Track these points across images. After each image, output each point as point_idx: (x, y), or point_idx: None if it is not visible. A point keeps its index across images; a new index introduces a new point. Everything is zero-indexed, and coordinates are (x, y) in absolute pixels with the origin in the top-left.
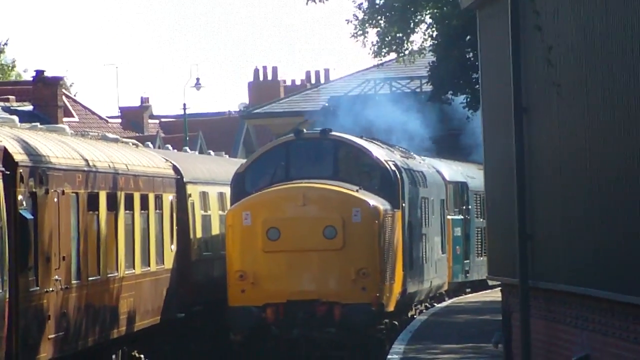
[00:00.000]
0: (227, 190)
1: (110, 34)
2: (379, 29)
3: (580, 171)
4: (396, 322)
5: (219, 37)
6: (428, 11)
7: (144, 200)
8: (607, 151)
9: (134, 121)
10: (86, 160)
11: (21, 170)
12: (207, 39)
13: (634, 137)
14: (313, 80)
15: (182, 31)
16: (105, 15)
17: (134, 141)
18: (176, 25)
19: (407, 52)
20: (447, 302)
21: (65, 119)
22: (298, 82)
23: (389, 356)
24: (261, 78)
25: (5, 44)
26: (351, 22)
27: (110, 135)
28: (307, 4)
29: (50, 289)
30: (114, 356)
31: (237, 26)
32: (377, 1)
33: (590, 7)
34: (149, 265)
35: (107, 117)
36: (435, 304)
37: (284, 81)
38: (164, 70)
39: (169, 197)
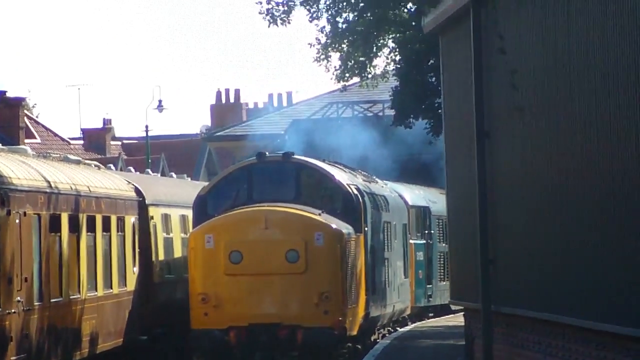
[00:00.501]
0: (189, 213)
1: (72, 55)
2: (341, 53)
3: (541, 197)
4: (359, 346)
5: (181, 58)
6: (391, 35)
7: (106, 222)
8: (568, 176)
9: (96, 143)
10: (48, 182)
11: None
12: (169, 61)
13: (595, 163)
14: (275, 104)
15: (144, 53)
16: (67, 36)
17: (96, 163)
18: (138, 46)
19: (370, 76)
20: (410, 327)
21: (27, 140)
22: (260, 105)
23: None
24: (223, 100)
25: None
26: (314, 45)
27: (73, 157)
28: (269, 26)
29: (12, 311)
30: None
31: (199, 48)
32: (340, 25)
33: (552, 32)
34: (111, 288)
35: (69, 138)
36: (398, 328)
37: (247, 104)
38: (126, 92)
39: (131, 219)
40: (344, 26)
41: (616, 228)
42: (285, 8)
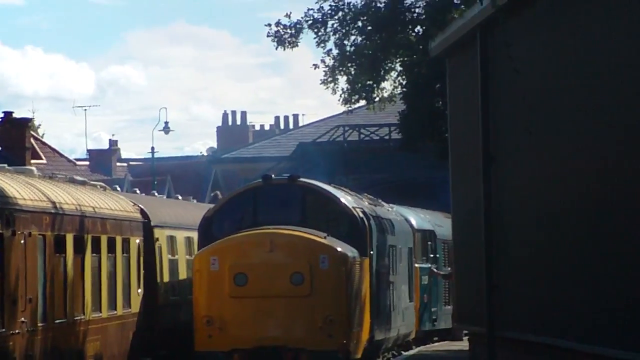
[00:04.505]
0: (194, 235)
1: (77, 75)
2: (349, 76)
3: (547, 221)
4: None
5: (188, 80)
6: (398, 59)
7: (111, 243)
8: (575, 201)
9: (102, 164)
10: (53, 203)
11: None
12: (176, 82)
13: (604, 187)
14: (282, 126)
15: (150, 74)
16: (73, 57)
17: (102, 184)
18: (144, 67)
19: (377, 99)
20: (414, 351)
21: (33, 161)
22: (267, 127)
23: None
24: (230, 122)
25: None
26: (319, 67)
27: (78, 178)
28: (276, 49)
29: (17, 331)
30: None
31: (206, 69)
32: (348, 48)
33: (563, 55)
34: (116, 309)
35: (75, 159)
36: (402, 352)
37: (253, 126)
38: (132, 114)
39: (136, 241)
40: (351, 49)
41: (626, 252)
42: (293, 31)
